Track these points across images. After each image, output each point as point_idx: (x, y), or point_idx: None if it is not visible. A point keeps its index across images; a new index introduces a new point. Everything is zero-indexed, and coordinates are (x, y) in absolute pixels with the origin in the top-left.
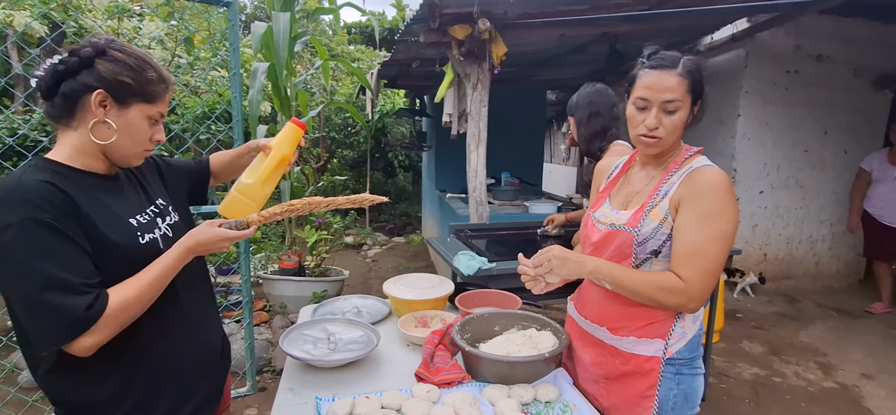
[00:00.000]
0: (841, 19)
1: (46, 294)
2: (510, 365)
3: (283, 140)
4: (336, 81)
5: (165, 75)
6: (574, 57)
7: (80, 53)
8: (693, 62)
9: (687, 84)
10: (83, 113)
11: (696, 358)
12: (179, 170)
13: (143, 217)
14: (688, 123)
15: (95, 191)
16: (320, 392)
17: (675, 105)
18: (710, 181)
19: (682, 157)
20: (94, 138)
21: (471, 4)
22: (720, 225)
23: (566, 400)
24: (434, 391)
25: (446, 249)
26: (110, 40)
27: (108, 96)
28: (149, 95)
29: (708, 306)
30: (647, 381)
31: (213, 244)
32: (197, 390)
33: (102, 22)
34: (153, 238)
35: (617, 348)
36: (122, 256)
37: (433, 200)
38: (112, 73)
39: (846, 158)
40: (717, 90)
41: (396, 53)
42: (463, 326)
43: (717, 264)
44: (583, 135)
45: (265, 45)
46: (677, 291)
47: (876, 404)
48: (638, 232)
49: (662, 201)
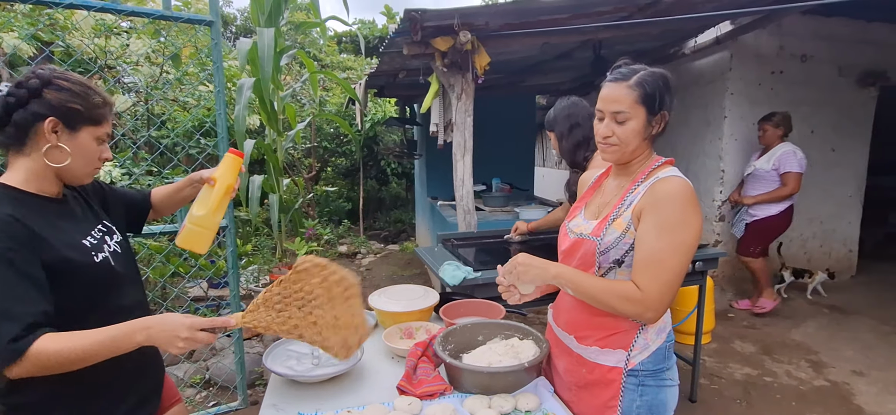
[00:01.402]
0: (823, 19)
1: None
2: (491, 376)
3: (226, 170)
4: (326, 91)
5: (108, 98)
6: (560, 63)
7: (28, 85)
8: (649, 76)
9: (636, 95)
10: (35, 139)
11: (662, 370)
12: (121, 197)
13: (93, 237)
14: (651, 132)
15: (49, 215)
16: (303, 408)
17: (624, 116)
18: (671, 191)
19: (649, 167)
20: (49, 162)
21: (451, 17)
22: (678, 235)
23: (546, 409)
24: (416, 403)
25: (433, 259)
26: (53, 70)
27: (60, 123)
28: (96, 118)
29: (696, 309)
30: (610, 391)
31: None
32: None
33: (90, 41)
34: (104, 257)
35: (582, 356)
36: (81, 276)
37: (425, 207)
38: (61, 101)
39: (834, 156)
40: (702, 93)
41: (382, 64)
42: (446, 336)
43: (675, 274)
44: (565, 148)
45: (251, 61)
46: (634, 299)
47: (867, 401)
48: (600, 241)
49: (626, 211)
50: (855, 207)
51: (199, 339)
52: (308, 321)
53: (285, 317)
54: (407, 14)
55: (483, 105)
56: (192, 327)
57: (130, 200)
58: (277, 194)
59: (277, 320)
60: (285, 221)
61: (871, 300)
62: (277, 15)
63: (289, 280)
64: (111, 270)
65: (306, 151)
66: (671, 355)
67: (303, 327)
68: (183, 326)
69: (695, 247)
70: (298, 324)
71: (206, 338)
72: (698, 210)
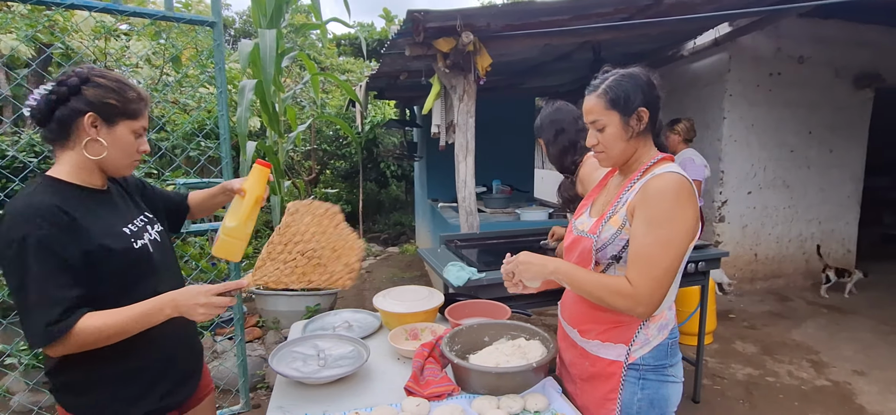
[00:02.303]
0: (820, 21)
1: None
2: (498, 376)
3: (255, 181)
4: (326, 94)
5: (143, 93)
6: (560, 64)
7: (68, 83)
8: (614, 80)
9: (604, 102)
10: (77, 134)
11: (664, 366)
12: (160, 195)
13: (133, 225)
14: (635, 132)
15: (92, 204)
16: (310, 409)
17: (600, 123)
18: (661, 187)
19: (646, 164)
20: (88, 155)
21: (453, 18)
22: (666, 230)
23: (554, 409)
24: (424, 405)
25: (437, 260)
26: (91, 68)
27: (98, 117)
28: (131, 113)
29: (698, 309)
30: (610, 384)
31: (191, 309)
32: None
33: (89, 43)
34: (144, 243)
35: (585, 350)
36: (120, 260)
37: (426, 209)
38: (98, 96)
39: (831, 157)
40: (701, 94)
41: (384, 66)
42: (452, 337)
43: (665, 270)
44: (553, 154)
45: (252, 63)
46: (625, 294)
47: (868, 401)
48: (597, 238)
49: (622, 208)
50: (852, 208)
51: (216, 303)
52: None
53: (292, 266)
54: (409, 15)
55: (483, 107)
56: (208, 292)
57: (169, 199)
58: (279, 196)
59: (285, 272)
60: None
61: (870, 300)
62: (279, 17)
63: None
64: (149, 257)
65: (306, 153)
66: (675, 353)
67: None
68: (201, 292)
69: (686, 242)
70: (306, 271)
71: (224, 301)
72: (692, 205)
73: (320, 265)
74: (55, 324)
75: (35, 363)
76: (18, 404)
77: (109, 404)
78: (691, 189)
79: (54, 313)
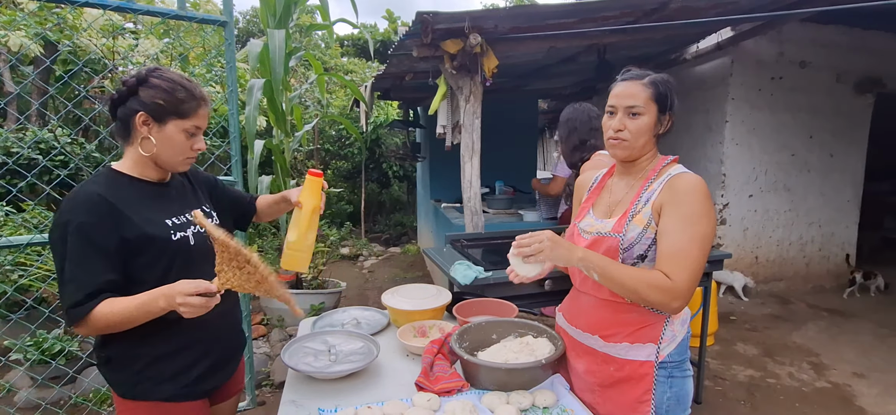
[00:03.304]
0: (821, 26)
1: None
2: (508, 372)
3: (309, 193)
4: (330, 94)
5: (197, 93)
6: (564, 67)
7: (127, 83)
8: (661, 79)
9: (650, 93)
10: (135, 131)
11: (685, 360)
12: (229, 194)
13: (179, 218)
14: (659, 132)
15: (143, 195)
16: (323, 404)
17: (637, 111)
18: (690, 185)
19: (659, 165)
20: (141, 151)
21: (462, 20)
22: (701, 227)
23: (563, 405)
24: (434, 400)
25: (442, 259)
26: (152, 70)
27: (149, 116)
28: (181, 112)
29: (701, 310)
30: (643, 385)
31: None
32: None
33: (98, 41)
34: (184, 236)
35: (610, 355)
36: (156, 247)
37: (428, 210)
38: (150, 97)
39: (832, 161)
40: (704, 97)
41: (390, 67)
42: (461, 334)
43: (699, 265)
44: (565, 151)
45: (261, 62)
46: (664, 288)
47: (868, 403)
48: (623, 237)
49: (645, 207)
50: (852, 212)
51: (190, 303)
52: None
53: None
54: (419, 16)
55: (487, 108)
56: (180, 292)
57: (237, 199)
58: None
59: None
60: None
61: (869, 304)
62: (287, 17)
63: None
64: (188, 249)
65: (308, 153)
66: (688, 346)
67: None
68: (178, 291)
69: (713, 237)
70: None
71: (199, 302)
72: (713, 205)
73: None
74: (76, 307)
75: (41, 359)
76: (24, 400)
77: (143, 381)
78: (708, 190)
79: (78, 295)
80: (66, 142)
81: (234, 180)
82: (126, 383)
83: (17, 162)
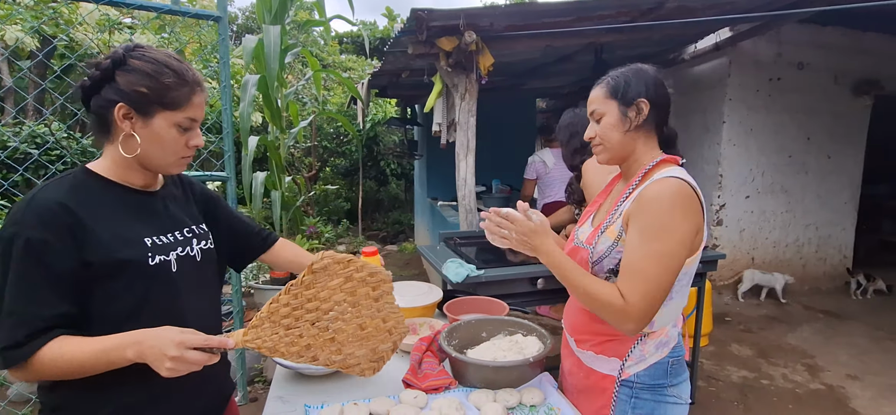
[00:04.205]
0: (820, 28)
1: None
2: (495, 370)
3: None
4: (328, 91)
5: (189, 77)
6: (561, 66)
7: (102, 66)
8: (616, 72)
9: (605, 91)
10: (115, 128)
11: (663, 386)
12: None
13: (162, 238)
14: (632, 124)
15: (119, 206)
16: (309, 400)
17: (598, 113)
18: (656, 194)
19: (645, 167)
20: (123, 151)
21: (457, 17)
22: (660, 244)
23: (550, 404)
24: (421, 397)
25: (436, 257)
26: (130, 48)
27: (131, 109)
28: (170, 102)
29: (694, 314)
30: (602, 399)
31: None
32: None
33: (94, 36)
34: (165, 260)
35: (581, 360)
36: (127, 274)
37: (425, 207)
38: (130, 84)
39: (829, 163)
40: (702, 98)
41: (386, 64)
42: (451, 332)
43: (657, 285)
44: (566, 155)
45: (256, 58)
46: (616, 308)
47: (862, 405)
48: (592, 250)
49: (618, 218)
50: (850, 214)
51: (189, 359)
52: (323, 339)
53: (295, 335)
54: (413, 13)
55: (484, 107)
56: (181, 344)
57: (240, 230)
58: (279, 192)
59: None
60: (286, 218)
61: (865, 306)
62: (283, 13)
63: (301, 284)
64: (169, 275)
65: (306, 150)
66: (679, 372)
67: (317, 346)
68: (172, 342)
69: (682, 254)
70: (311, 343)
71: (199, 358)
72: (690, 213)
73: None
74: (14, 348)
75: None
76: (15, 393)
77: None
78: (691, 195)
79: (18, 335)
80: (62, 136)
81: (227, 176)
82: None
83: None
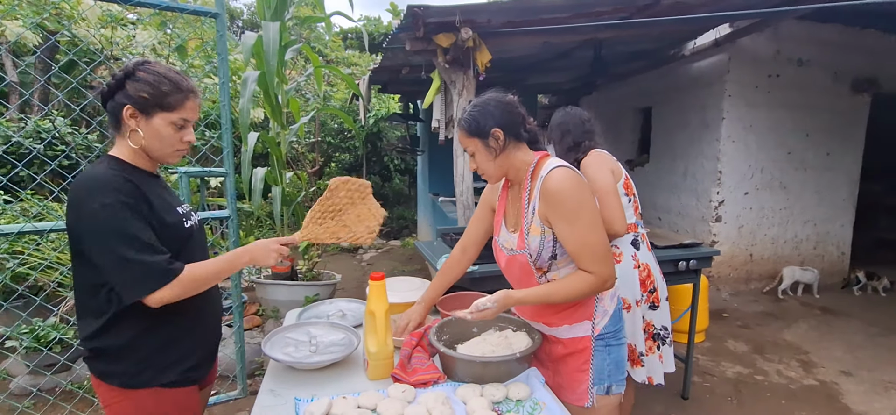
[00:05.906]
0: (819, 25)
1: (141, 254)
2: (484, 365)
3: (376, 298)
4: (331, 86)
5: (184, 86)
6: (560, 62)
7: (116, 77)
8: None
9: (465, 132)
10: (124, 125)
11: (619, 330)
12: None
13: (182, 209)
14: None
15: (149, 183)
16: (300, 393)
17: (470, 150)
18: (558, 188)
19: (530, 168)
20: (130, 143)
21: (453, 14)
22: (584, 218)
23: (536, 398)
24: (410, 391)
25: (432, 252)
26: (140, 63)
27: (136, 110)
28: (167, 105)
29: (690, 309)
30: (582, 357)
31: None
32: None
33: (95, 31)
34: (193, 225)
35: (556, 336)
36: (173, 235)
37: (427, 203)
38: (136, 90)
39: (828, 160)
40: (701, 95)
41: (385, 60)
42: (441, 327)
43: (603, 243)
44: (559, 153)
45: (256, 54)
46: (593, 283)
47: (854, 401)
48: (528, 252)
49: (534, 217)
50: (848, 211)
51: (283, 251)
52: (340, 225)
53: (325, 227)
54: (410, 10)
55: None
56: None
57: None
58: (280, 187)
59: (321, 232)
60: (288, 213)
61: (862, 303)
62: (283, 9)
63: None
64: (193, 236)
65: (310, 145)
66: (622, 317)
67: (338, 230)
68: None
69: (597, 216)
70: (335, 230)
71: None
72: (585, 187)
73: (346, 227)
74: (171, 265)
75: (35, 346)
76: (18, 387)
77: (146, 369)
78: (578, 175)
79: (165, 257)
80: (66, 131)
81: (226, 172)
82: (125, 373)
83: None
